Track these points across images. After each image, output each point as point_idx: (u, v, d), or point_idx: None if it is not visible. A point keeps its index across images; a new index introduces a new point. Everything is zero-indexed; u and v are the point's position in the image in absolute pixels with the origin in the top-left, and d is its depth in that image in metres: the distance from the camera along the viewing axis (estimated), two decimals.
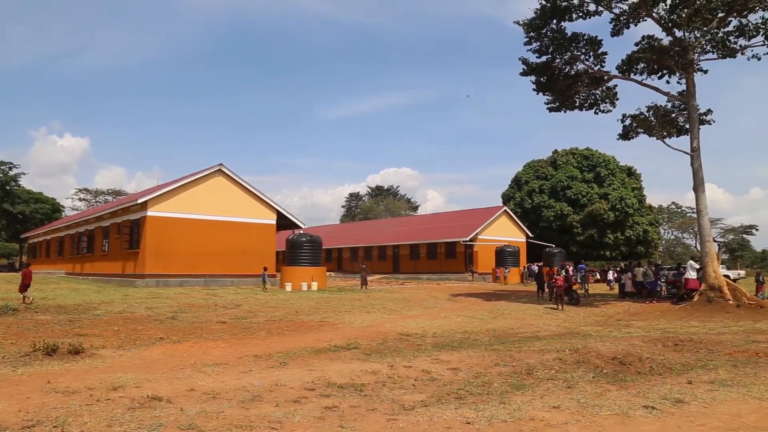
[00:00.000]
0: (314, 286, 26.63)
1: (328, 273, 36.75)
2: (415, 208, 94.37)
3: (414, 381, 7.75)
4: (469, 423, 5.64)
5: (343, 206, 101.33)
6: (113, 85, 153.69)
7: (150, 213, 26.00)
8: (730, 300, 19.04)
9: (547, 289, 23.31)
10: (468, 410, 6.14)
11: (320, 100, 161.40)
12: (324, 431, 5.40)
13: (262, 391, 6.98)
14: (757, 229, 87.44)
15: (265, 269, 27.07)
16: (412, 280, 40.07)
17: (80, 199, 75.66)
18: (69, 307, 16.51)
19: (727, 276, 34.57)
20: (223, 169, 28.41)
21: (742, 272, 54.61)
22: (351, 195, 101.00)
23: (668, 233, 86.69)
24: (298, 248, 28.08)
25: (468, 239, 41.45)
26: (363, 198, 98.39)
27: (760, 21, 20.91)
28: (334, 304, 19.60)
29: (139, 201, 26.16)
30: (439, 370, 8.53)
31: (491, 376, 8.05)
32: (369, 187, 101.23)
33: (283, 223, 31.40)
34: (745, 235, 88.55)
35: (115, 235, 29.17)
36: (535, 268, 36.00)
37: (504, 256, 39.70)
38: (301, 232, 30.74)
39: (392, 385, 7.52)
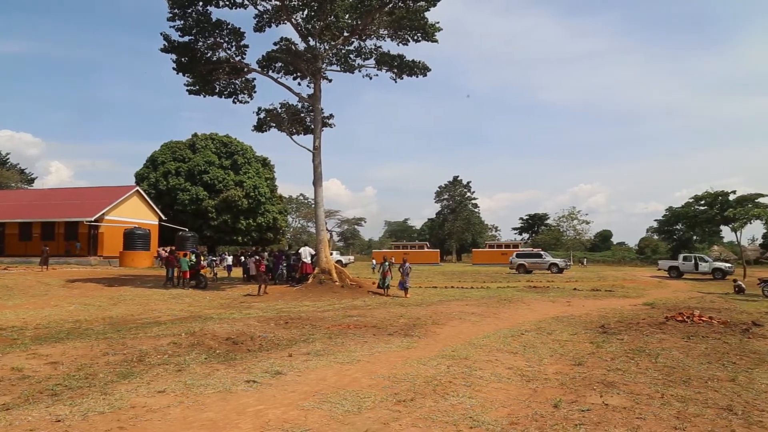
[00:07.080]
0: None
1: None
2: (31, 181, 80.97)
3: None
4: (59, 421, 5.16)
5: None
6: None
7: None
8: (337, 282, 21.95)
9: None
10: (62, 407, 5.62)
11: None
12: None
13: None
14: (365, 221, 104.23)
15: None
16: (22, 264, 34.23)
17: None
18: None
19: (339, 261, 40.02)
20: None
21: (352, 257, 64.06)
22: None
23: (296, 222, 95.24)
24: None
25: (93, 219, 37.67)
26: None
27: (373, 47, 24.81)
28: None
29: None
30: (34, 366, 7.56)
31: (97, 366, 7.53)
32: None
33: None
34: (356, 226, 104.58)
35: None
36: (164, 252, 34.90)
37: (133, 238, 37.39)
38: None
39: None
